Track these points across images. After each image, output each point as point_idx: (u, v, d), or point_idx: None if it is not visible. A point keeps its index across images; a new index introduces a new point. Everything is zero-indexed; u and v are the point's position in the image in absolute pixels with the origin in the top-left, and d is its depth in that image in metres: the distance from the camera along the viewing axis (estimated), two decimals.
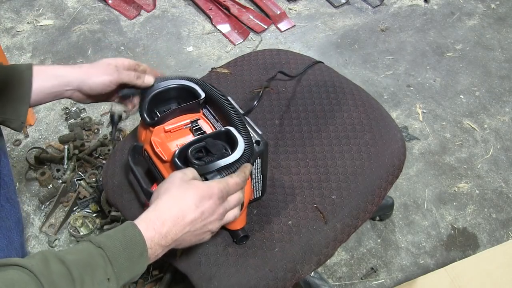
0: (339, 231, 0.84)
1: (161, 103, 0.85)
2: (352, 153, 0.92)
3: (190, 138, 0.80)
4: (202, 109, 0.86)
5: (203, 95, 0.83)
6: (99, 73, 0.81)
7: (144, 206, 0.88)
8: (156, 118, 0.81)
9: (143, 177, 0.88)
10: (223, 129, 0.77)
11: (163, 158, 0.77)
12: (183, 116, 0.83)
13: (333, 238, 0.83)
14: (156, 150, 0.78)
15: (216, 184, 0.67)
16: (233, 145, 0.74)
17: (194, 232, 0.66)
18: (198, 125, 0.82)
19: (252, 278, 0.78)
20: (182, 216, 0.64)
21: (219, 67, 1.12)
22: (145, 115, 0.81)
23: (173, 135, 0.81)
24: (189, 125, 0.82)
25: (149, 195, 0.78)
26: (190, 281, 0.81)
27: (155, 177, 0.82)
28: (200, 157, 0.74)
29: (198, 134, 0.81)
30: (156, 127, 0.81)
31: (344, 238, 0.85)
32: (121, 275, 0.58)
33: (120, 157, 0.97)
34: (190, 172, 0.68)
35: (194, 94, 0.83)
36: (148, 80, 0.85)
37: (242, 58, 1.15)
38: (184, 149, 0.73)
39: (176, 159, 0.72)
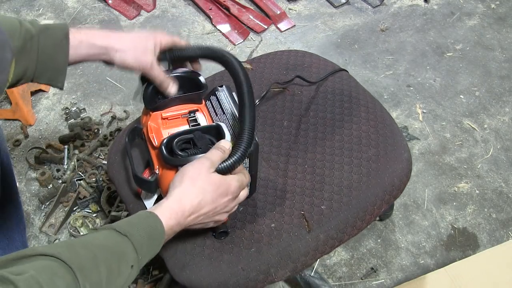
0: (321, 242, 0.83)
1: None
2: (351, 166, 0.91)
3: (185, 127, 0.81)
4: (205, 101, 0.86)
5: (205, 87, 0.83)
6: (133, 57, 0.77)
7: (136, 188, 0.88)
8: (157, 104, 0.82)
9: (141, 160, 0.88)
10: (214, 124, 0.77)
11: (154, 143, 0.78)
12: (183, 105, 0.83)
13: (314, 248, 0.83)
14: (150, 135, 0.79)
15: (234, 183, 0.72)
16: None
17: (203, 220, 0.70)
18: (194, 116, 0.82)
19: (224, 273, 0.78)
20: (200, 208, 0.68)
21: (242, 62, 1.12)
22: (147, 99, 0.82)
23: (169, 123, 0.81)
24: (186, 115, 0.82)
25: (138, 180, 0.80)
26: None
27: (148, 162, 0.82)
28: (187, 148, 0.74)
29: (192, 125, 0.81)
30: (154, 112, 0.81)
31: (326, 250, 0.85)
32: (143, 261, 0.61)
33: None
34: (216, 157, 0.71)
35: (198, 85, 0.84)
36: (170, 90, 0.82)
37: (267, 56, 1.15)
38: (172, 139, 0.74)
39: (162, 147, 0.72)
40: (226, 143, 0.73)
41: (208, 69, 1.80)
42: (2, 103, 1.68)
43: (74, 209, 1.41)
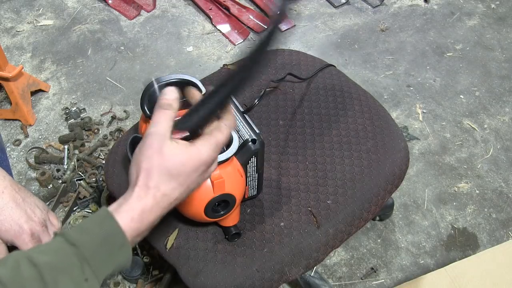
0: (331, 236, 0.84)
1: None
2: (352, 159, 0.92)
3: (187, 132, 0.80)
4: None
5: (204, 90, 0.83)
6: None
7: None
8: None
9: None
10: None
11: None
12: (183, 111, 0.83)
13: (325, 243, 0.83)
14: None
15: (205, 152, 0.58)
16: (228, 142, 0.74)
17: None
18: None
19: (239, 276, 0.78)
20: (167, 196, 0.58)
21: (230, 64, 1.12)
22: (145, 108, 0.81)
23: None
24: None
25: None
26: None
27: None
28: None
29: None
30: None
31: (336, 244, 0.85)
32: (102, 271, 0.54)
33: (123, 147, 0.98)
34: (164, 125, 0.58)
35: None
36: None
37: None
38: None
39: None
40: (169, 93, 0.60)
41: (204, 71, 1.80)
42: (2, 103, 1.68)
43: (74, 209, 1.41)
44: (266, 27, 0.59)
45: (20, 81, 1.57)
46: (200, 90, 0.83)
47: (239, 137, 0.78)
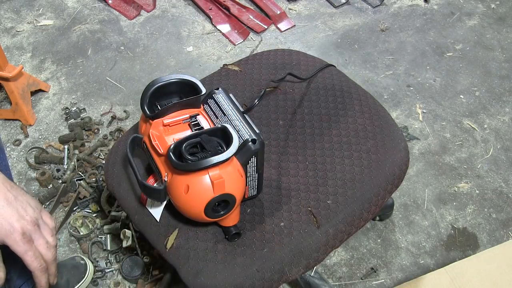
0: (331, 236, 0.84)
1: (162, 96, 0.85)
2: (352, 159, 0.92)
3: (188, 132, 0.81)
4: (203, 105, 0.86)
5: (204, 90, 0.83)
6: None
7: (140, 198, 0.88)
8: (156, 111, 0.82)
9: (140, 169, 0.88)
10: (219, 126, 0.78)
11: (159, 151, 0.77)
12: (183, 111, 0.83)
13: (325, 243, 0.83)
14: (153, 143, 0.79)
15: None
16: (228, 142, 0.74)
17: None
18: (196, 120, 0.82)
19: (239, 276, 0.78)
20: None
21: (230, 64, 1.12)
22: (146, 108, 0.82)
23: (172, 129, 0.81)
24: (188, 120, 0.82)
25: (146, 189, 0.79)
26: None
27: (152, 170, 0.82)
28: (195, 152, 0.74)
29: (196, 130, 0.81)
30: (155, 120, 0.81)
31: (336, 244, 0.85)
32: None
33: (123, 147, 0.98)
34: None
35: (195, 89, 0.84)
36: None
37: (254, 57, 1.15)
38: (179, 144, 0.74)
39: (170, 154, 0.72)
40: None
41: (204, 71, 1.80)
42: (2, 103, 1.68)
43: (74, 209, 1.41)
44: None
45: (20, 81, 1.57)
46: (200, 89, 0.83)
47: (239, 137, 0.78)
